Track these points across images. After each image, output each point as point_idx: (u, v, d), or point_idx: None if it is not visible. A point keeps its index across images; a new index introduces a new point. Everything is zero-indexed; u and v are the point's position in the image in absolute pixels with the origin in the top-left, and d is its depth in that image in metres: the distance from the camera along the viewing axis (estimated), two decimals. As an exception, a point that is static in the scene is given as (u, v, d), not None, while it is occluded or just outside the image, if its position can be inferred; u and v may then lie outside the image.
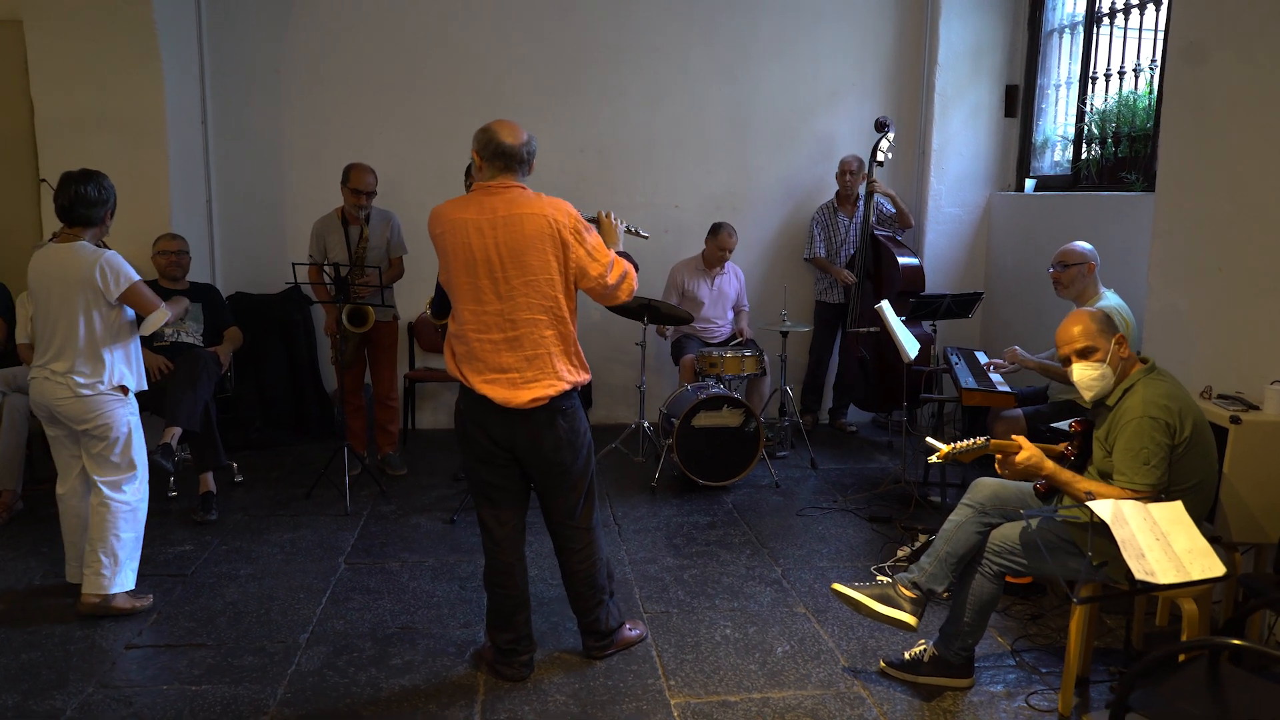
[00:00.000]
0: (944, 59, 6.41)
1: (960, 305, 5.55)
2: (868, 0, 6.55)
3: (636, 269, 3.33)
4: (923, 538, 4.40)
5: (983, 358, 5.15)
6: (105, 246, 3.68)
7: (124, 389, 3.69)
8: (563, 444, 3.20)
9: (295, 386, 6.28)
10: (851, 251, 6.38)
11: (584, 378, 3.26)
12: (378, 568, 4.25)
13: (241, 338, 5.39)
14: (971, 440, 2.94)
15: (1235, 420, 3.23)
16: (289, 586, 4.05)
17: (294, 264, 5.09)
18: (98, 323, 3.58)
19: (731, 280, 6.28)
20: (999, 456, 2.95)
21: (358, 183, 5.22)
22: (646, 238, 4.06)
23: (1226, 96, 3.77)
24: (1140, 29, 5.33)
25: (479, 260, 3.08)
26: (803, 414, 6.57)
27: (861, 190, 6.26)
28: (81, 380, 3.57)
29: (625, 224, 3.54)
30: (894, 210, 6.29)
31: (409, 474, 5.60)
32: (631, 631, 3.57)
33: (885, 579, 3.32)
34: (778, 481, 5.50)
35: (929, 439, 3.08)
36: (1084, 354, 3.07)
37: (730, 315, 6.32)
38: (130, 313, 3.74)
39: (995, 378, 4.77)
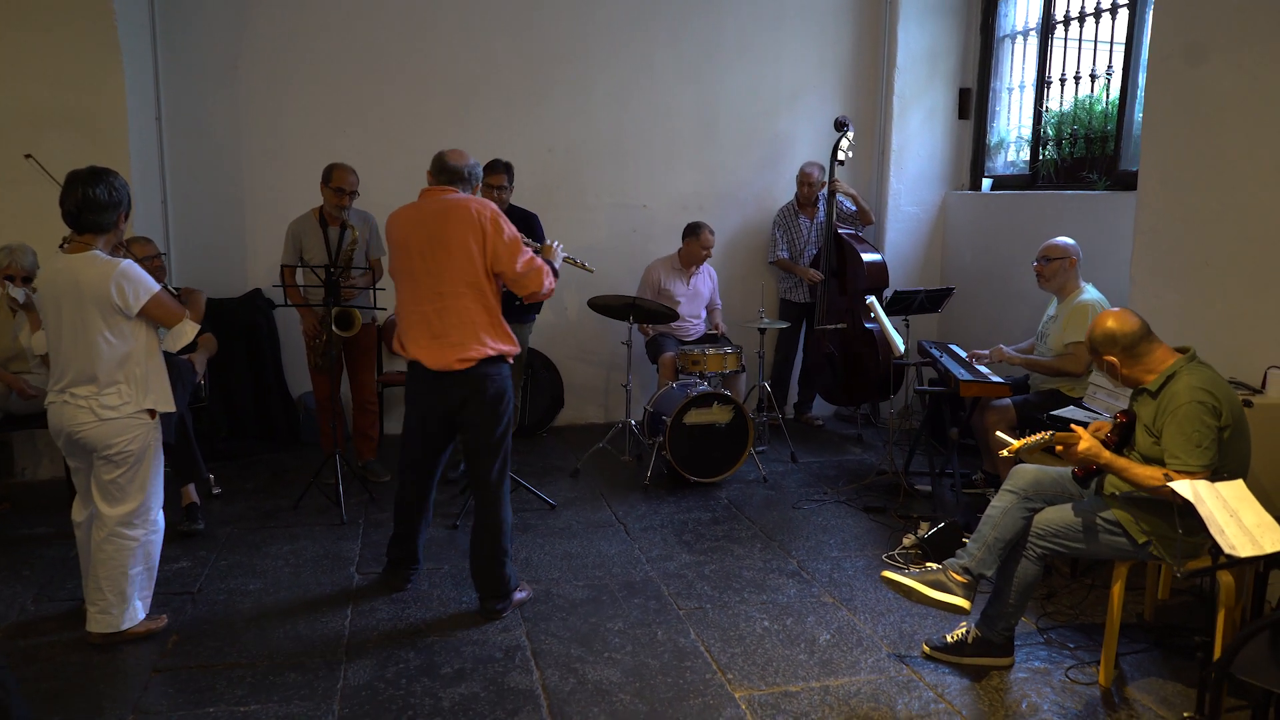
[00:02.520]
0: (902, 62, 6.62)
1: (933, 300, 5.75)
2: (827, 3, 6.71)
3: (556, 277, 3.94)
4: (925, 526, 4.54)
5: (958, 350, 5.35)
6: (123, 252, 3.46)
7: (151, 412, 3.43)
8: (486, 406, 3.71)
9: (260, 393, 6.06)
10: (814, 251, 6.53)
11: (509, 348, 3.77)
12: (394, 576, 4.15)
13: (215, 344, 5.17)
14: (1040, 435, 3.07)
15: (1247, 404, 3.46)
16: (307, 599, 3.92)
17: (283, 266, 4.92)
18: (119, 341, 3.31)
19: (705, 279, 6.35)
20: (1060, 448, 3.09)
21: (340, 182, 5.07)
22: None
23: (1215, 100, 4.02)
24: (1095, 39, 5.62)
25: (413, 246, 3.68)
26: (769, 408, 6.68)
27: (823, 191, 6.41)
28: (106, 404, 3.31)
29: (565, 254, 4.21)
30: (854, 209, 6.46)
31: (392, 479, 5.47)
32: (521, 594, 3.91)
33: (934, 565, 3.42)
34: (765, 476, 5.60)
35: (999, 434, 3.20)
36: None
37: (704, 314, 6.39)
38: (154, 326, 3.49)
39: (983, 369, 4.97)
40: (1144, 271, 4.43)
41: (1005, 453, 3.08)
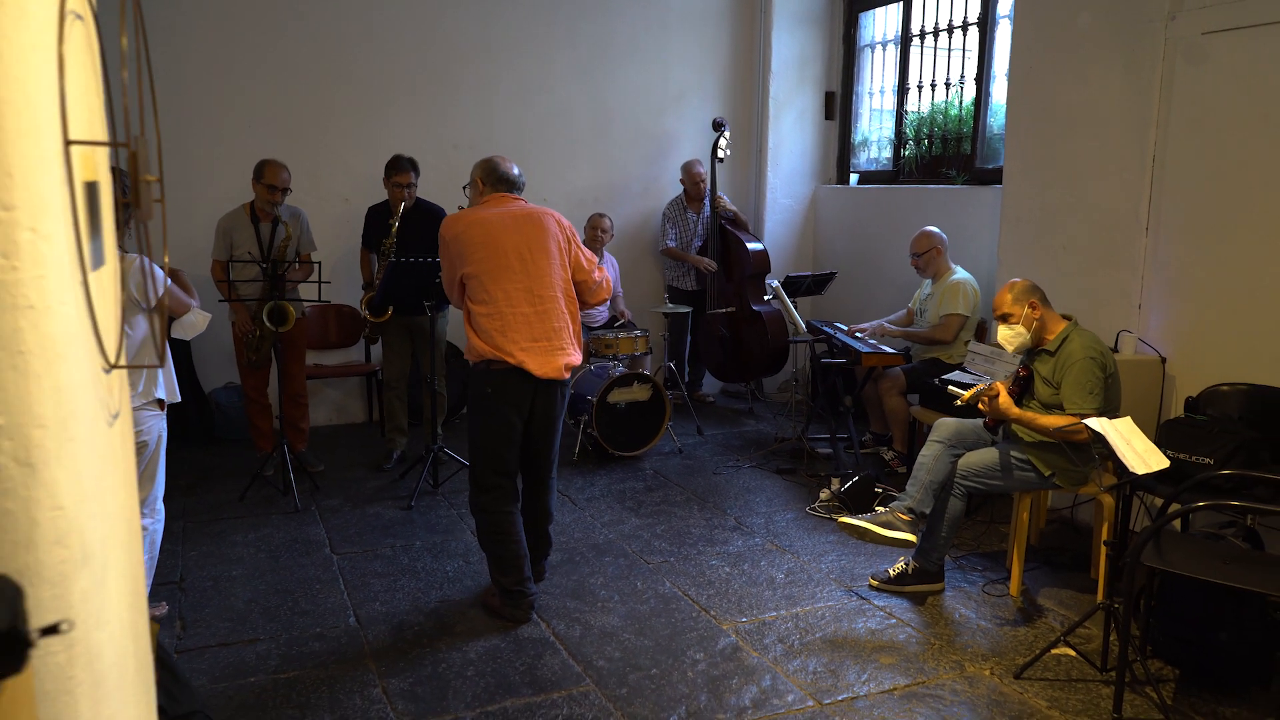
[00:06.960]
0: (776, 67, 7.26)
1: (818, 283, 6.42)
2: (707, 11, 7.26)
3: None
4: (836, 481, 5.16)
5: (842, 327, 6.03)
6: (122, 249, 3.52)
7: (160, 402, 3.53)
8: (561, 408, 3.83)
9: (173, 391, 5.99)
10: (699, 243, 7.07)
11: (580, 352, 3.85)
12: (371, 554, 4.37)
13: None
14: (979, 385, 3.72)
15: (1110, 359, 4.24)
16: (297, 580, 4.09)
17: (225, 260, 4.97)
18: (135, 335, 3.38)
19: (609, 268, 6.77)
20: (984, 403, 3.75)
21: (273, 179, 5.15)
22: None
23: (1067, 109, 4.81)
24: (950, 48, 6.43)
25: (509, 246, 3.66)
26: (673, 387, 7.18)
27: (708, 198, 6.97)
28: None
29: None
30: (732, 216, 7.03)
31: (326, 469, 5.61)
32: None
33: (881, 509, 4.01)
34: (680, 448, 6.10)
35: (952, 388, 3.84)
36: (1004, 319, 3.93)
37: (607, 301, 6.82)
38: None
39: (872, 343, 5.65)
40: (1010, 254, 5.21)
41: (959, 403, 3.72)
